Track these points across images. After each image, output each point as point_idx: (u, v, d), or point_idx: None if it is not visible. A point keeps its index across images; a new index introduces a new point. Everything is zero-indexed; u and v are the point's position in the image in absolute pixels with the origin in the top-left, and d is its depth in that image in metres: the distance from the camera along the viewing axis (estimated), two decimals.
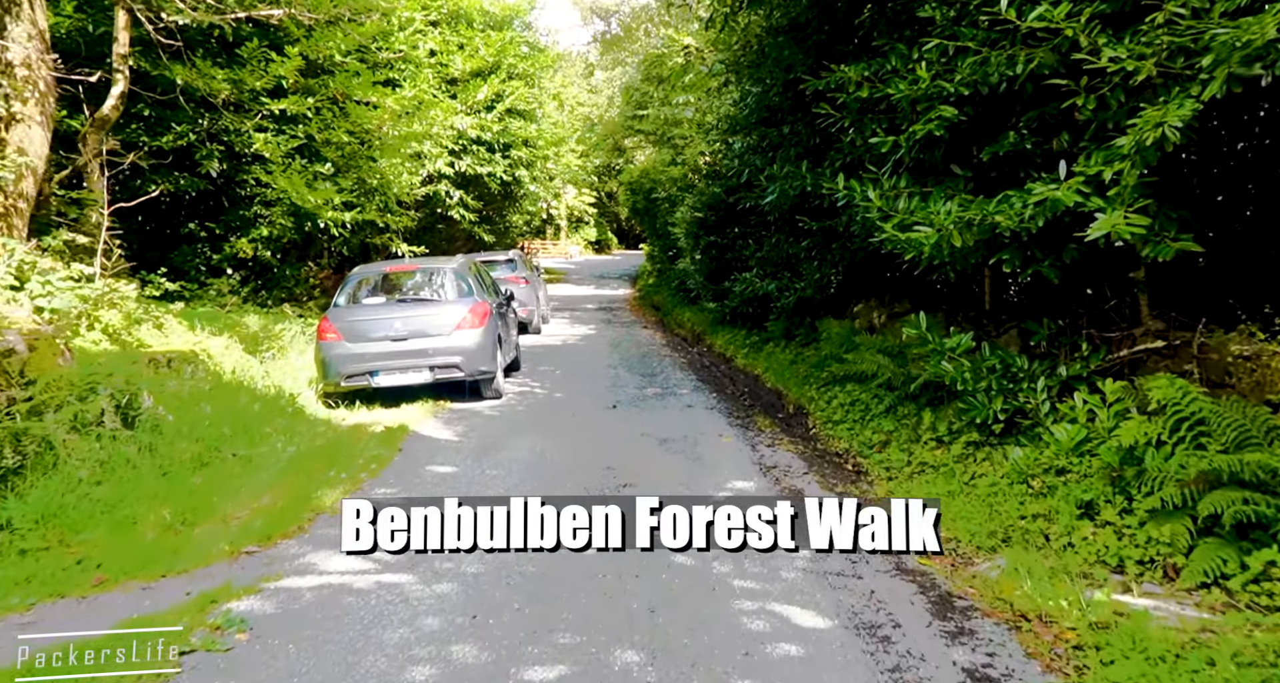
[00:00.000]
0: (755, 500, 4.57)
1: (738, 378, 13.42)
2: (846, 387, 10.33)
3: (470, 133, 18.18)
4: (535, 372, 13.42)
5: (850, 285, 13.81)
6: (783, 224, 14.72)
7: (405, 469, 7.31)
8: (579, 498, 4.43)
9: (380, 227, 16.98)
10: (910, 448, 7.69)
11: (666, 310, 23.94)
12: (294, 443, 7.92)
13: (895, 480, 7.09)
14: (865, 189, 7.79)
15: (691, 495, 6.36)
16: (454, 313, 10.16)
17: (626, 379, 12.61)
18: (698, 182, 18.43)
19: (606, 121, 37.38)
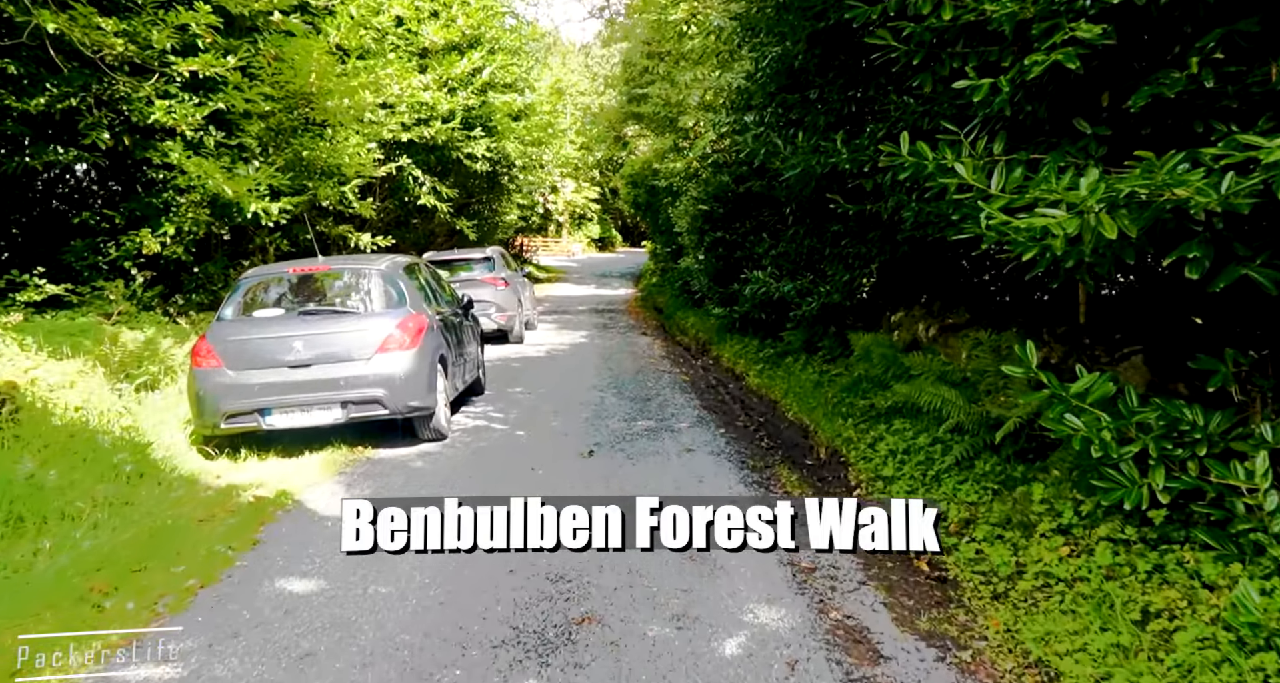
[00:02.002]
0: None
1: (750, 403, 10.81)
2: (894, 423, 7.81)
3: (442, 107, 15.58)
4: (502, 396, 10.82)
5: (886, 289, 11.23)
6: (803, 216, 12.16)
7: (236, 592, 4.61)
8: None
9: (332, 212, 14.46)
10: (1016, 540, 5.08)
11: (669, 314, 21.36)
12: (112, 525, 5.35)
13: (1008, 606, 4.46)
14: (943, 156, 5.18)
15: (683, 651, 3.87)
16: (377, 329, 7.58)
17: (613, 407, 10.01)
18: (703, 171, 15.83)
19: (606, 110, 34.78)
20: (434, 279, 9.75)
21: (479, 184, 21.00)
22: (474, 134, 16.96)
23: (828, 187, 9.98)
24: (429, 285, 9.16)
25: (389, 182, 16.81)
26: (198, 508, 5.85)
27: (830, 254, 11.36)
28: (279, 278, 8.08)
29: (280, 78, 11.15)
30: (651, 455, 7.67)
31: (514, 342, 16.14)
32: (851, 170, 8.02)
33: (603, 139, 35.84)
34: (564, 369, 13.07)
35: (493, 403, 10.32)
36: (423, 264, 9.55)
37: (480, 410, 9.87)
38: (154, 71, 10.68)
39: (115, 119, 10.75)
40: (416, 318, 7.84)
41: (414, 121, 15.64)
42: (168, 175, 10.66)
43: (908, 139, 5.32)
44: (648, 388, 11.39)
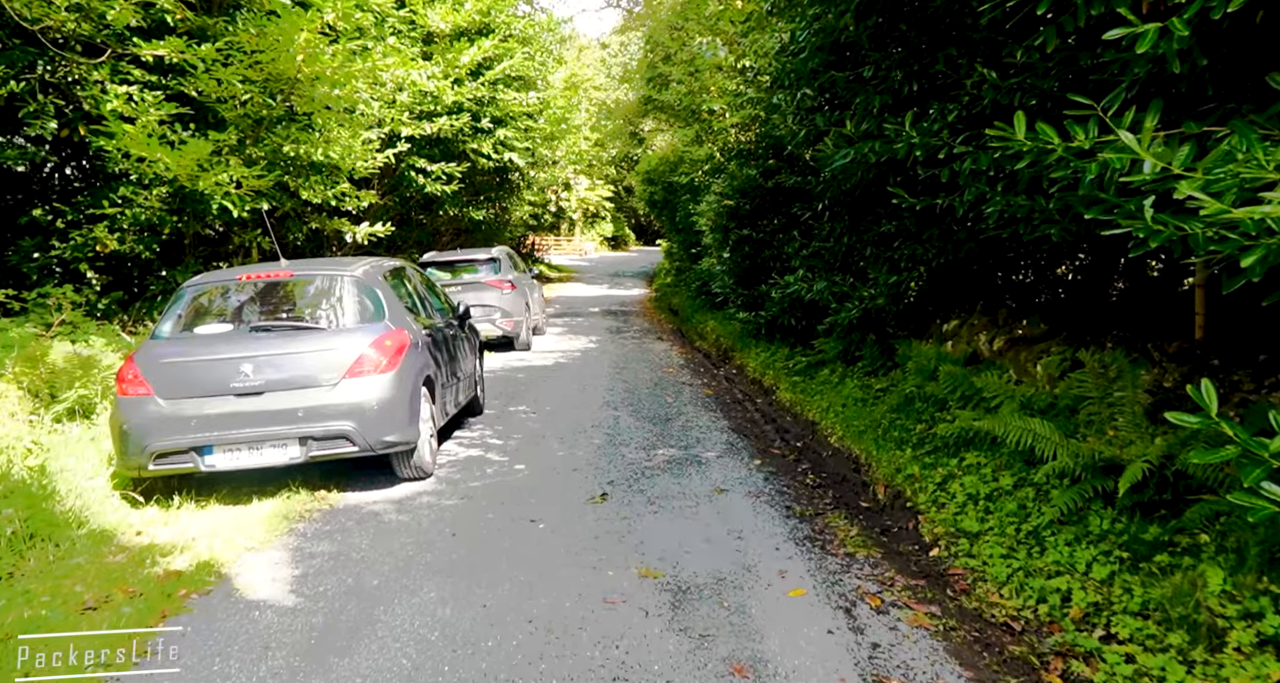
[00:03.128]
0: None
1: (784, 423, 9.41)
2: (965, 457, 6.48)
3: (447, 98, 14.19)
4: (503, 417, 9.44)
5: (936, 294, 9.81)
6: (841, 211, 10.74)
7: None
8: None
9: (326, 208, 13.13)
10: (1188, 649, 3.66)
11: (685, 316, 19.96)
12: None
13: None
14: (1077, 134, 3.80)
15: None
16: (347, 349, 6.19)
17: (629, 430, 8.62)
18: (727, 163, 14.41)
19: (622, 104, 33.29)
20: (424, 285, 8.36)
21: (487, 180, 19.63)
22: (482, 126, 15.57)
23: (880, 177, 8.65)
24: (416, 293, 7.79)
25: (389, 175, 15.45)
26: (94, 584, 4.47)
27: (873, 254, 9.98)
28: (229, 285, 6.68)
29: (262, 58, 9.78)
30: (677, 499, 6.27)
31: (521, 349, 14.76)
32: (920, 157, 6.63)
33: (618, 135, 34.38)
34: (574, 382, 11.69)
35: (491, 426, 8.94)
36: (411, 268, 8.16)
37: (476, 436, 8.49)
38: (115, 53, 9.39)
39: (67, 106, 9.43)
40: (396, 334, 6.46)
41: (417, 115, 14.29)
42: (126, 166, 9.32)
43: (1023, 119, 3.94)
44: (667, 405, 9.99)
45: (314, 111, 10.83)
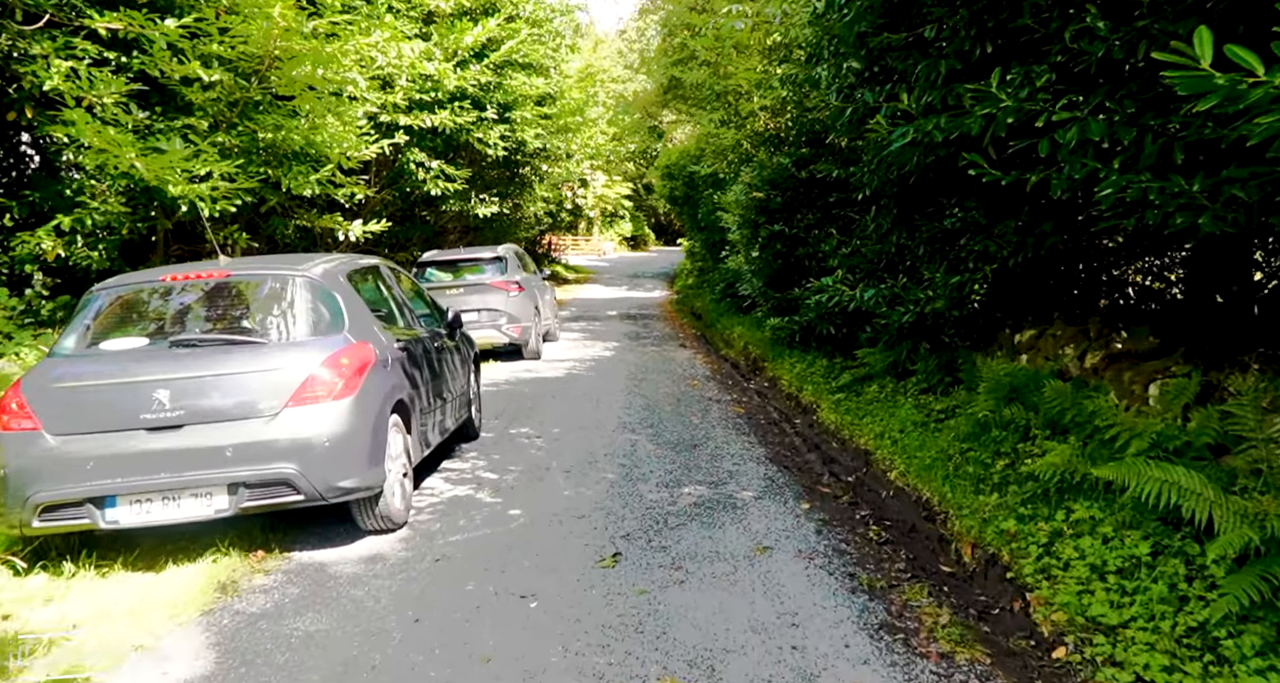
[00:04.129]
0: None
1: (830, 451, 8.05)
2: (1074, 508, 5.10)
3: (449, 83, 12.87)
4: (501, 442, 8.11)
5: (1006, 297, 8.43)
6: (888, 204, 9.36)
7: None
8: None
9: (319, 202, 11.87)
10: None
11: (710, 321, 18.60)
12: None
13: None
14: None
15: None
16: (292, 368, 4.86)
17: (649, 461, 7.27)
18: (756, 151, 13.04)
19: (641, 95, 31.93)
20: (405, 288, 7.03)
21: (496, 174, 18.31)
22: (486, 116, 14.22)
23: (942, 161, 7.30)
24: (392, 298, 6.46)
25: (386, 168, 14.16)
26: None
27: (927, 252, 8.62)
28: (151, 289, 5.34)
29: (230, 37, 8.50)
30: (709, 562, 4.92)
31: (530, 357, 13.43)
32: (1003, 132, 5.33)
33: (636, 129, 32.99)
34: (587, 397, 10.35)
35: (487, 454, 7.61)
36: (387, 267, 6.82)
37: (467, 467, 7.16)
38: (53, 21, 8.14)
39: (9, 85, 8.18)
40: (357, 349, 5.13)
41: (415, 102, 12.97)
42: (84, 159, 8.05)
43: (1208, 38, 2.62)
44: (693, 427, 8.63)
45: (295, 95, 9.52)
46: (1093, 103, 4.93)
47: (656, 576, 4.72)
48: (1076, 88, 5.04)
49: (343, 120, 10.31)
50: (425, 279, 13.10)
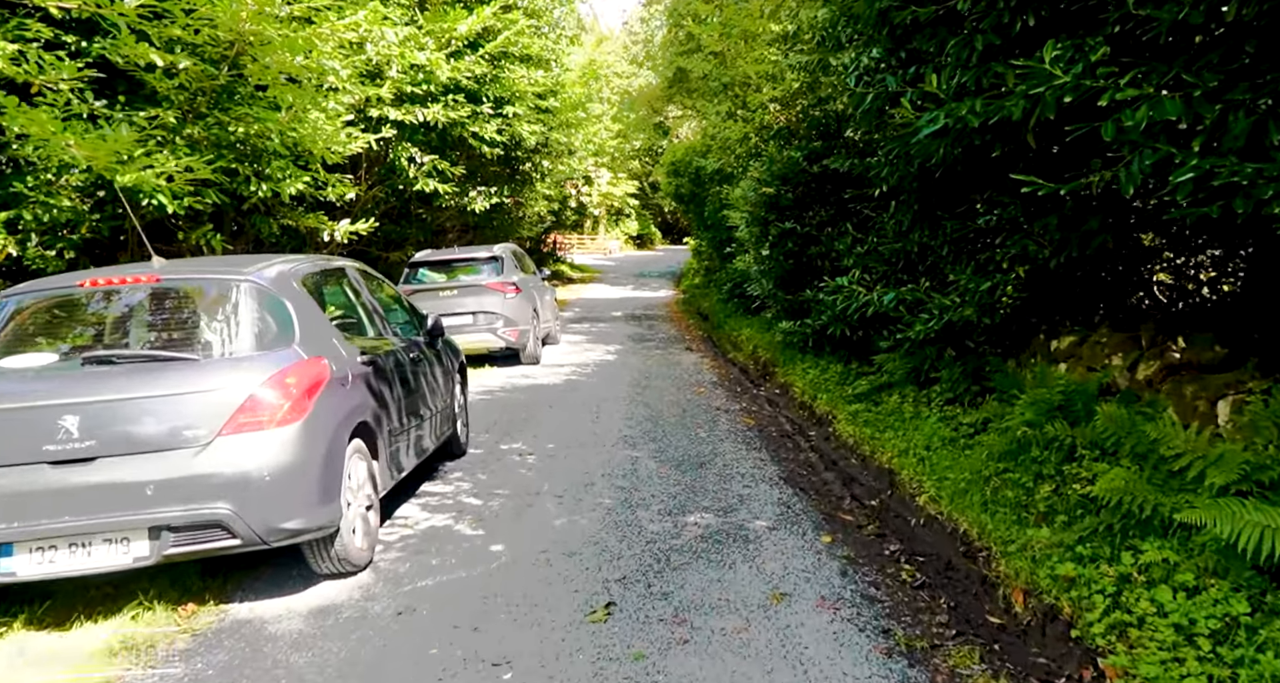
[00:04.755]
0: None
1: (850, 470, 7.30)
2: (1143, 549, 4.33)
3: (441, 74, 12.12)
4: (490, 460, 7.36)
5: (1041, 300, 7.66)
6: (908, 200, 8.60)
7: None
8: None
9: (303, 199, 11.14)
10: None
11: (716, 322, 17.84)
12: None
13: None
14: None
15: None
16: (228, 389, 4.11)
17: (650, 481, 6.53)
18: (765, 145, 12.27)
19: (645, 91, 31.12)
20: (376, 292, 6.27)
21: (495, 170, 17.56)
22: (481, 110, 13.46)
23: (974, 151, 6.58)
24: (360, 305, 5.71)
25: (378, 164, 13.43)
26: None
27: (952, 252, 7.87)
28: (65, 297, 4.59)
29: (199, 15, 7.75)
30: (718, 614, 4.17)
31: (528, 362, 12.67)
32: (1051, 114, 4.62)
33: (642, 127, 32.19)
34: (586, 407, 9.60)
35: (472, 475, 6.87)
36: (356, 269, 6.05)
37: (449, 491, 6.42)
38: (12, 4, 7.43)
39: None
40: (309, 366, 4.38)
41: (407, 95, 12.23)
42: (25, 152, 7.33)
43: None
44: (700, 441, 7.88)
45: (269, 84, 8.77)
46: (1164, 77, 4.19)
47: (656, 633, 3.97)
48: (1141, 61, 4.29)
49: (325, 113, 9.57)
50: (417, 280, 12.37)
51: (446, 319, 12.18)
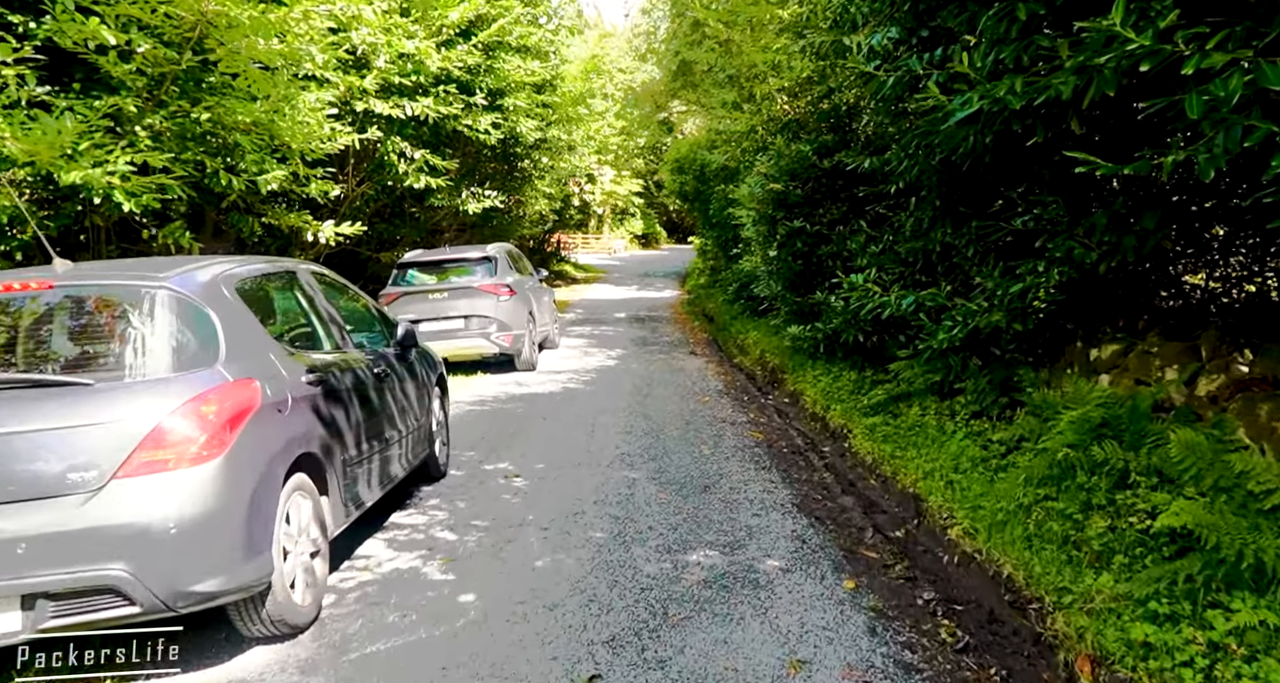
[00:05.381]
0: None
1: (869, 491, 6.54)
2: (1234, 607, 3.51)
3: (432, 64, 11.37)
4: (471, 484, 6.60)
5: (1075, 305, 6.87)
6: (928, 196, 7.84)
7: None
8: None
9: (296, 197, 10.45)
10: None
11: (722, 324, 17.08)
12: None
13: None
14: None
15: None
16: (127, 421, 3.34)
17: (648, 509, 5.76)
18: (773, 138, 11.49)
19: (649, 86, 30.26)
20: (335, 297, 5.49)
21: (493, 167, 16.80)
22: (475, 102, 12.68)
23: (1010, 139, 5.87)
24: (314, 313, 4.93)
25: (367, 159, 12.68)
26: None
27: (978, 252, 7.11)
28: None
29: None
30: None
31: (523, 369, 11.91)
32: (1145, 77, 3.85)
33: (646, 124, 31.38)
34: (581, 420, 8.84)
35: (450, 501, 6.10)
36: (309, 272, 5.24)
37: (422, 522, 5.66)
38: None
39: None
40: (232, 390, 3.63)
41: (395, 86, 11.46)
42: None
43: None
44: (704, 460, 7.12)
45: (239, 71, 8.02)
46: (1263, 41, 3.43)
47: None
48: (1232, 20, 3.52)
49: (293, 104, 8.81)
50: (406, 282, 11.63)
51: (436, 324, 11.48)
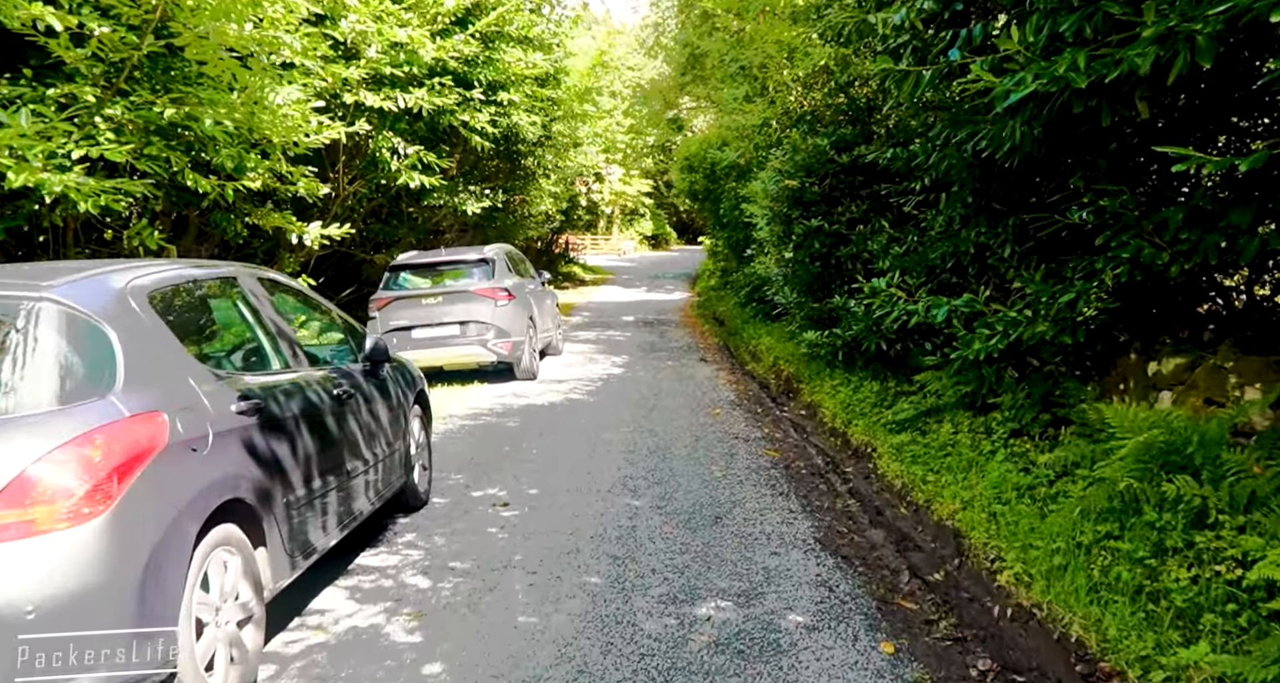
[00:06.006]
0: None
1: (900, 522, 5.78)
2: None
3: (425, 54, 10.64)
4: (454, 514, 5.85)
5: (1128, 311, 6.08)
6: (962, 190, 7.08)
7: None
8: None
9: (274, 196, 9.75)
10: None
11: (733, 328, 16.32)
12: None
13: None
14: None
15: None
16: None
17: (651, 548, 5.01)
18: (788, 132, 10.71)
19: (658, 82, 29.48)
20: (282, 309, 4.73)
21: (494, 165, 16.07)
22: (471, 95, 11.94)
23: (1065, 125, 5.13)
24: (258, 325, 4.19)
25: (357, 156, 11.98)
26: None
27: (1016, 255, 6.38)
28: None
29: None
30: None
31: (522, 378, 11.17)
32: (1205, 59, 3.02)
33: (655, 122, 30.60)
34: (582, 436, 8.10)
35: (427, 536, 5.37)
36: (252, 278, 4.43)
37: (392, 564, 4.92)
38: None
39: None
40: (128, 428, 2.89)
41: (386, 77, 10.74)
42: None
43: None
44: (715, 484, 6.37)
45: (207, 58, 7.30)
46: None
47: None
48: None
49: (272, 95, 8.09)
50: (398, 286, 10.91)
51: (430, 330, 10.77)
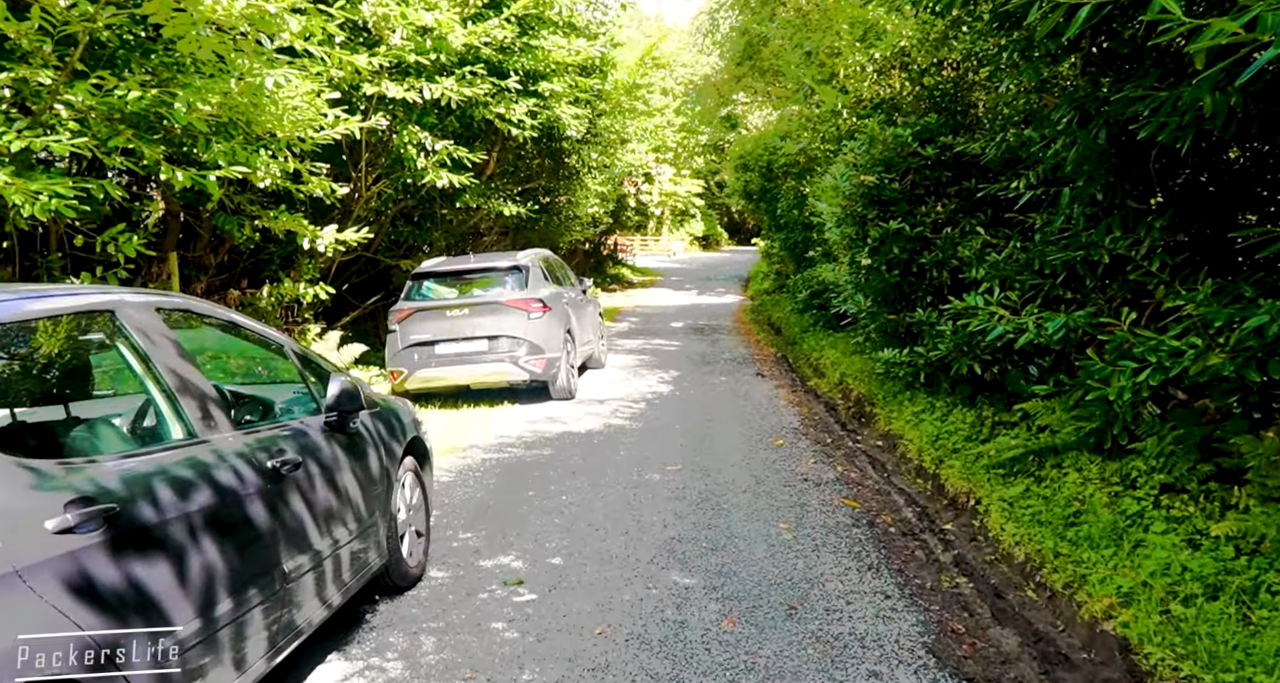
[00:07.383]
0: None
1: (1034, 615, 4.35)
2: None
3: (455, 40, 9.43)
4: (455, 592, 4.54)
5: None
6: (1090, 185, 5.62)
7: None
8: None
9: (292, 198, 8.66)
10: None
11: (791, 337, 14.89)
12: None
13: None
14: None
15: None
16: None
17: (704, 654, 3.67)
18: (864, 122, 9.26)
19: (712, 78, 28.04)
20: (187, 350, 3.43)
21: (537, 164, 14.83)
22: (507, 85, 10.68)
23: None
24: (149, 377, 2.92)
25: (382, 152, 10.80)
26: None
27: (1165, 265, 4.97)
28: None
29: None
30: None
31: (559, 398, 9.89)
32: None
33: (707, 119, 29.23)
34: (621, 477, 6.79)
35: (411, 635, 4.09)
36: (140, 308, 2.99)
37: (360, 675, 3.66)
38: None
39: None
40: None
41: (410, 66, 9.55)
42: None
43: None
44: (784, 550, 5.00)
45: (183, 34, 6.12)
46: None
47: None
48: None
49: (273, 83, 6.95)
50: (421, 296, 9.71)
51: (455, 346, 9.52)
